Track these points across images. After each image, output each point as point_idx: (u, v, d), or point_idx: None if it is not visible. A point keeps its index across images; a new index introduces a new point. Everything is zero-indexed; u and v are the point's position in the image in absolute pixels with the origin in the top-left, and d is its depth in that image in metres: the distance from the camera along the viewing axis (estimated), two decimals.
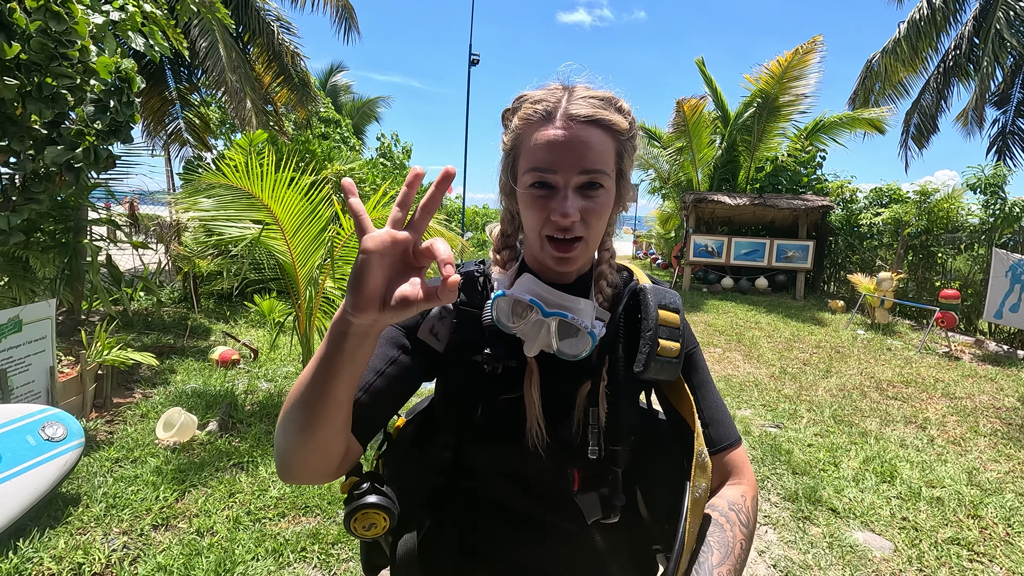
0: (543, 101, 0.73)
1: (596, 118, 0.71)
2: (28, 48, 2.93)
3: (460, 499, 0.83)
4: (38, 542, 2.26)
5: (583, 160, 0.71)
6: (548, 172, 0.71)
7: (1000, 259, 7.00)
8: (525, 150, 0.74)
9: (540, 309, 0.73)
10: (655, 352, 0.75)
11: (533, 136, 0.73)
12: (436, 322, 0.79)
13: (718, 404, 0.84)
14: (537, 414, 0.76)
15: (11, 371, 3.00)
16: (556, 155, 0.70)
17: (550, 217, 0.71)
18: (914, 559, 2.63)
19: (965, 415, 4.73)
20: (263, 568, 2.27)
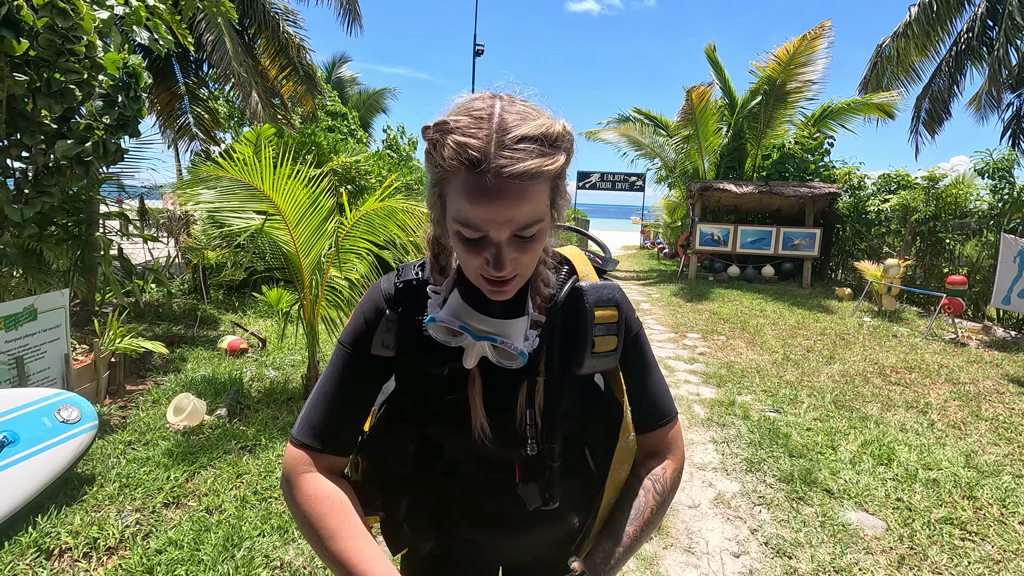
0: (470, 143, 0.65)
1: (530, 172, 0.65)
2: (36, 44, 3.02)
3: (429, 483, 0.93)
4: (55, 518, 2.37)
5: (516, 219, 0.67)
6: (478, 230, 0.68)
7: (1008, 244, 6.93)
8: (452, 193, 0.69)
9: (469, 335, 0.75)
10: (590, 351, 0.79)
11: (460, 184, 0.67)
12: (384, 335, 0.84)
13: (654, 386, 0.89)
14: (480, 414, 0.84)
15: (28, 358, 3.11)
16: (486, 215, 0.66)
17: (483, 263, 0.70)
18: (905, 537, 2.68)
19: (967, 400, 4.73)
20: (269, 544, 2.37)
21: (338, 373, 0.85)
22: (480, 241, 0.69)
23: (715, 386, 4.94)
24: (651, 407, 0.89)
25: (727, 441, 3.74)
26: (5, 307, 2.97)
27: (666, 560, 2.49)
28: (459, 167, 0.66)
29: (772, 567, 2.44)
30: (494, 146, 0.64)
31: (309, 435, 0.83)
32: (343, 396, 0.84)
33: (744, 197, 11.77)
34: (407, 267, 0.87)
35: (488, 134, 0.65)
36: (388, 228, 3.87)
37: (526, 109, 0.69)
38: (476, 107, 0.68)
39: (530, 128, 0.66)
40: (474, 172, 0.65)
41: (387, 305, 0.84)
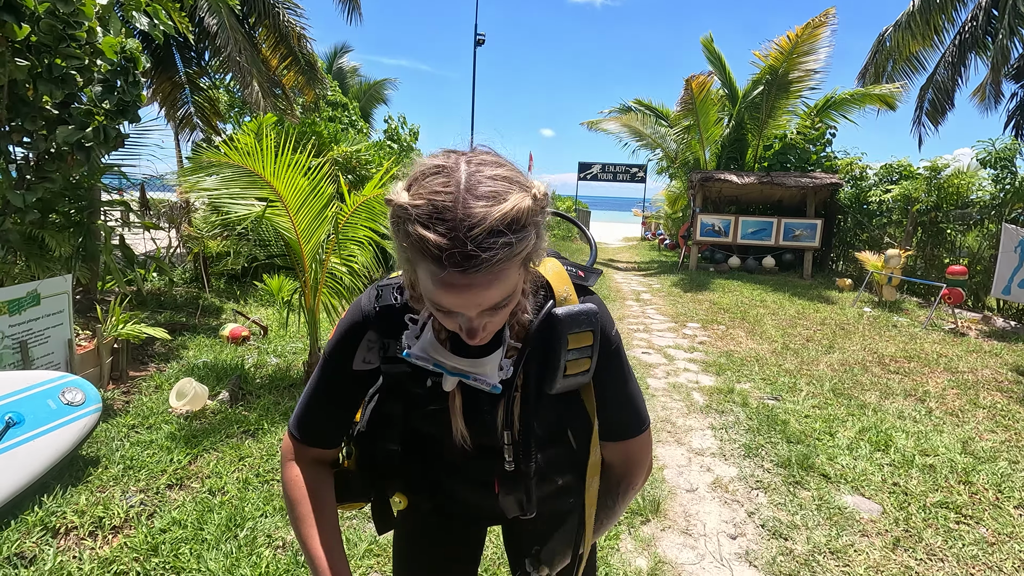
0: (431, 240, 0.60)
1: (499, 267, 0.62)
2: (37, 30, 3.02)
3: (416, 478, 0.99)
4: (61, 498, 2.41)
5: (486, 302, 0.66)
6: (448, 311, 0.68)
7: (1009, 234, 6.93)
8: (420, 271, 0.66)
9: (443, 371, 0.78)
10: (562, 374, 0.80)
11: (426, 271, 0.64)
12: (366, 352, 0.87)
13: (624, 400, 0.91)
14: (460, 425, 0.88)
15: (31, 342, 3.14)
16: (455, 303, 0.66)
17: (458, 328, 0.71)
18: (901, 520, 2.70)
19: (966, 388, 4.75)
20: (271, 524, 2.40)
21: (323, 381, 0.90)
22: (452, 313, 0.69)
23: (714, 374, 4.96)
24: (620, 418, 0.92)
25: (725, 427, 3.77)
26: (8, 291, 2.99)
27: (664, 542, 2.52)
28: (422, 257, 0.62)
29: (768, 548, 2.47)
30: (458, 244, 0.59)
31: (298, 429, 0.92)
32: (326, 401, 0.90)
33: (745, 187, 11.74)
34: (387, 289, 0.88)
35: (452, 227, 0.60)
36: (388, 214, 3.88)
37: (493, 186, 0.63)
38: (436, 188, 0.62)
39: (498, 217, 0.60)
40: (436, 265, 0.61)
41: (367, 325, 0.86)
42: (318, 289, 3.88)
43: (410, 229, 0.62)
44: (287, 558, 2.19)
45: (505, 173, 0.65)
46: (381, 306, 0.86)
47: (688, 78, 11.92)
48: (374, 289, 0.89)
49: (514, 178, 0.65)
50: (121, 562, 2.11)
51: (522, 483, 0.89)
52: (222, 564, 2.12)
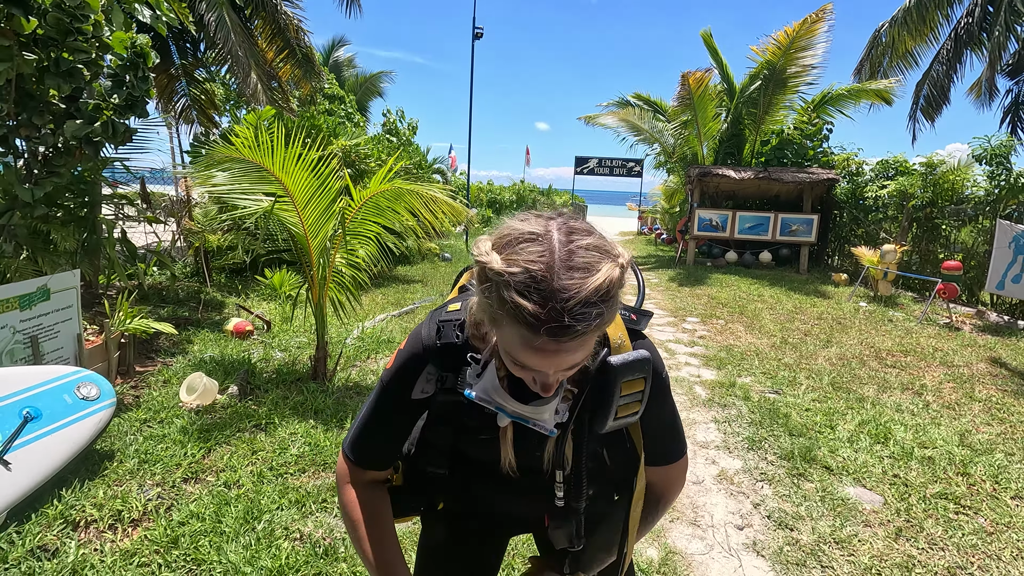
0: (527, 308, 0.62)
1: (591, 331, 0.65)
2: (44, 23, 3.01)
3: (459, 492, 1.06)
4: (79, 491, 2.43)
5: (566, 365, 0.70)
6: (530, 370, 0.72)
7: (1004, 230, 7.02)
8: (507, 330, 0.68)
9: (503, 413, 0.81)
10: (614, 418, 0.83)
11: (515, 333, 0.66)
12: (424, 384, 0.91)
13: (668, 432, 0.98)
14: (510, 456, 0.92)
15: (41, 337, 3.14)
16: (538, 365, 0.69)
17: (531, 379, 0.74)
18: (902, 511, 2.77)
19: (962, 382, 4.84)
20: (288, 516, 2.43)
21: (380, 408, 0.94)
22: (529, 368, 0.72)
23: (715, 368, 5.02)
24: (663, 448, 0.98)
25: (728, 421, 3.83)
26: (20, 286, 2.99)
27: (673, 532, 2.57)
28: (514, 321, 0.65)
29: (775, 538, 2.53)
30: (554, 315, 0.62)
31: (353, 453, 0.97)
32: (383, 427, 0.95)
33: (743, 183, 11.80)
34: (447, 326, 0.89)
35: (549, 298, 0.62)
36: (395, 210, 3.90)
37: (587, 256, 0.65)
38: (532, 257, 0.64)
39: (592, 290, 0.63)
40: (530, 331, 0.64)
41: (428, 359, 0.89)
42: (325, 284, 3.89)
43: (505, 295, 0.63)
44: (306, 550, 2.23)
45: (595, 242, 0.67)
46: (443, 343, 0.87)
47: (685, 73, 11.94)
48: (434, 323, 0.90)
49: (602, 247, 0.67)
50: (142, 554, 2.14)
51: (572, 518, 0.93)
52: (242, 556, 2.15)
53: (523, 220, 0.70)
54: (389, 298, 7.29)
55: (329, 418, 3.43)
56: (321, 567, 2.14)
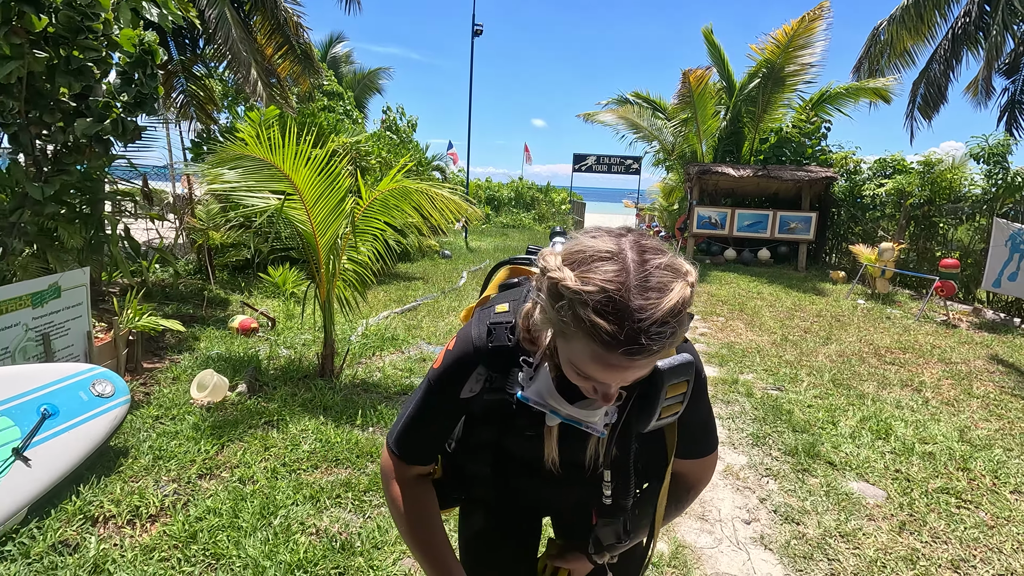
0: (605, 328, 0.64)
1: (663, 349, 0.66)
2: (55, 21, 3.01)
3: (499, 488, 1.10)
4: (96, 487, 2.45)
5: (634, 378, 0.72)
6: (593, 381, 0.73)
7: (1000, 228, 7.10)
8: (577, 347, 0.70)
9: (557, 416, 0.83)
10: (658, 418, 0.86)
11: (587, 348, 0.68)
12: (473, 384, 0.93)
13: (702, 429, 1.01)
14: (554, 454, 0.95)
15: (53, 334, 3.16)
16: (607, 378, 0.71)
17: (592, 389, 0.76)
18: (905, 505, 2.83)
19: (960, 379, 4.90)
20: (303, 512, 2.46)
21: (428, 406, 0.96)
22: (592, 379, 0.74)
23: (717, 365, 5.07)
24: (697, 443, 1.01)
25: (732, 417, 3.88)
26: (32, 284, 3.01)
27: (682, 527, 2.62)
28: (588, 338, 0.66)
29: (781, 532, 2.57)
30: (630, 335, 0.63)
31: (400, 449, 0.99)
32: (429, 424, 0.98)
33: (741, 180, 11.85)
34: (499, 328, 0.90)
35: (625, 318, 0.63)
36: (402, 209, 3.92)
37: (660, 276, 0.66)
38: (608, 277, 0.65)
39: (667, 309, 0.64)
40: (604, 349, 0.65)
41: (478, 360, 0.90)
42: (333, 282, 3.92)
43: (581, 313, 0.64)
44: (323, 544, 2.26)
45: (666, 261, 0.68)
46: (494, 346, 0.89)
47: (686, 71, 11.98)
48: (483, 325, 0.91)
49: (673, 265, 0.68)
50: (162, 549, 2.17)
51: (620, 515, 0.97)
52: (261, 550, 2.18)
53: (595, 237, 0.71)
54: (391, 295, 7.31)
55: (339, 415, 3.46)
56: (339, 561, 2.18)
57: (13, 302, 2.91)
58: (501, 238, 16.65)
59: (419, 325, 5.83)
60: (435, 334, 5.51)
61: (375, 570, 2.15)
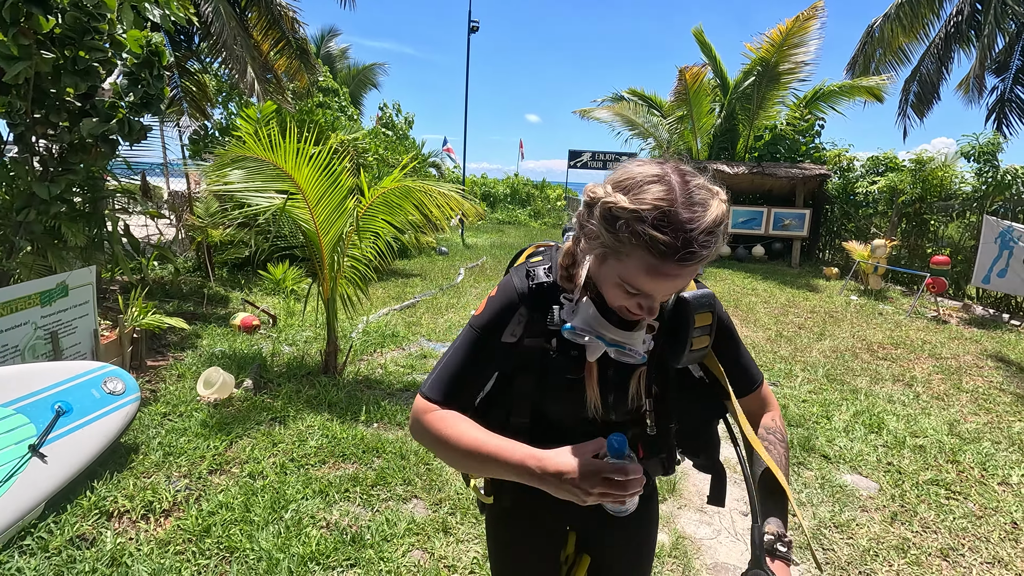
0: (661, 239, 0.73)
1: (710, 256, 0.76)
2: (62, 22, 3.03)
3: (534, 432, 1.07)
4: (110, 483, 2.50)
5: (680, 288, 0.81)
6: (647, 294, 0.80)
7: (990, 225, 7.22)
8: (627, 261, 0.78)
9: (601, 342, 0.89)
10: (689, 350, 0.93)
11: (641, 262, 0.76)
12: (515, 326, 0.97)
13: (744, 358, 1.07)
14: (595, 396, 0.98)
15: (60, 333, 3.19)
16: (660, 288, 0.79)
17: (636, 306, 0.83)
18: (897, 497, 2.92)
19: (949, 373, 5.01)
20: (313, 506, 2.52)
21: (468, 350, 0.98)
22: (638, 295, 0.82)
23: None
24: (743, 377, 1.06)
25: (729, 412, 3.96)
26: (40, 283, 3.04)
27: (681, 519, 2.70)
28: (645, 251, 0.75)
29: None
30: (685, 243, 0.73)
31: (438, 393, 0.97)
32: (469, 369, 0.98)
33: (736, 177, 11.94)
34: (535, 268, 0.98)
35: (678, 229, 0.73)
36: (404, 207, 3.97)
37: (702, 194, 0.76)
38: (659, 196, 0.74)
39: (711, 221, 0.74)
40: (659, 260, 0.75)
41: (520, 301, 0.96)
42: (336, 279, 3.96)
43: (639, 229, 0.74)
44: (334, 537, 2.32)
45: (704, 182, 0.78)
46: (535, 283, 0.96)
47: (682, 68, 12.04)
48: (522, 271, 0.98)
49: (709, 186, 0.78)
50: (176, 543, 2.23)
51: (664, 444, 1.03)
52: (273, 543, 2.24)
53: (640, 165, 0.80)
54: (390, 292, 7.35)
55: (343, 411, 3.51)
56: (350, 553, 2.24)
57: (22, 301, 2.94)
58: (497, 235, 16.69)
59: (419, 322, 5.88)
60: (435, 331, 5.57)
61: (385, 561, 2.21)
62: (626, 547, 1.20)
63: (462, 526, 2.48)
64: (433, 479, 2.82)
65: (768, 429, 1.05)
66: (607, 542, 1.20)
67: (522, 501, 1.13)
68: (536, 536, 1.18)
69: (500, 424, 1.04)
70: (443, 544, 2.34)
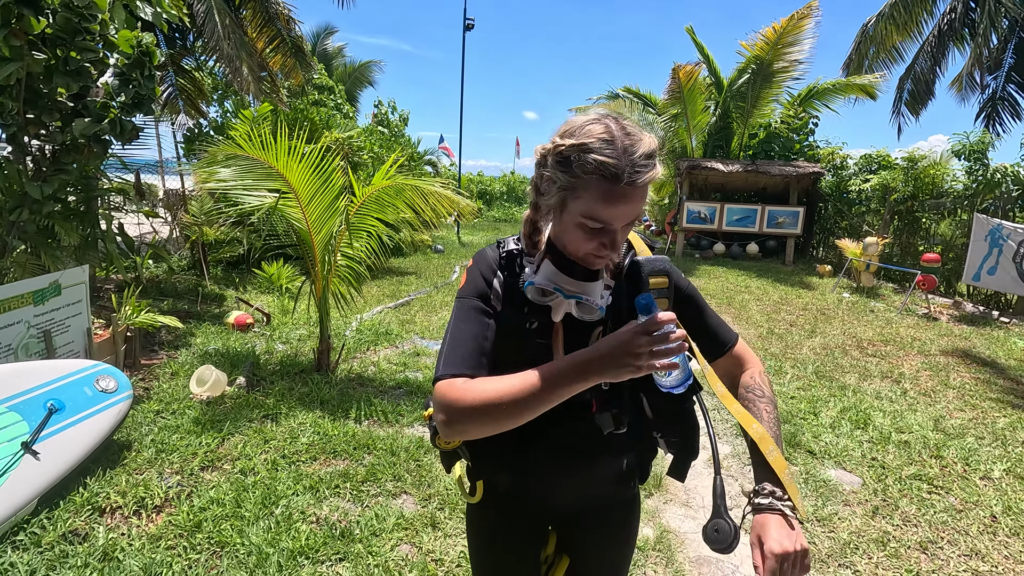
0: (607, 164, 0.84)
1: (648, 181, 0.87)
2: (53, 23, 3.05)
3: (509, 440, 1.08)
4: (103, 479, 2.54)
5: (632, 215, 0.90)
6: (606, 223, 0.89)
7: (980, 223, 7.28)
8: (587, 196, 0.88)
9: (561, 294, 0.96)
10: None
11: (596, 191, 0.87)
12: (497, 291, 1.04)
13: (713, 319, 1.12)
14: (561, 355, 1.02)
15: (54, 331, 3.22)
16: (616, 213, 0.88)
17: (600, 250, 0.92)
18: (879, 491, 2.97)
19: (937, 370, 5.07)
20: (303, 501, 2.56)
21: (466, 318, 1.01)
22: (599, 230, 0.90)
23: None
24: (714, 339, 1.10)
25: (717, 408, 4.00)
26: (33, 282, 3.06)
27: (667, 513, 2.74)
28: (599, 178, 0.86)
29: None
30: (628, 164, 0.85)
31: (457, 367, 0.95)
32: (475, 333, 0.99)
33: (731, 175, 11.99)
34: (505, 240, 1.09)
35: (619, 154, 0.85)
36: (396, 205, 4.00)
37: (633, 130, 0.89)
38: (600, 132, 0.87)
39: (647, 145, 0.87)
40: (611, 183, 0.86)
41: (496, 267, 1.04)
42: (328, 278, 3.99)
43: (588, 158, 0.85)
44: (323, 532, 2.36)
45: (635, 124, 0.92)
46: (506, 251, 1.05)
47: (676, 67, 12.06)
48: (495, 242, 1.09)
49: (640, 127, 0.92)
50: (168, 538, 2.26)
51: (616, 401, 1.06)
52: (264, 538, 2.28)
53: (580, 116, 0.93)
54: (384, 290, 7.38)
55: (335, 409, 3.55)
56: (339, 548, 2.28)
57: (15, 300, 2.96)
58: (493, 232, 16.72)
59: (412, 320, 5.91)
60: (428, 329, 5.60)
61: (374, 555, 2.25)
62: (605, 548, 1.23)
63: (450, 521, 2.52)
64: (423, 475, 2.86)
65: (748, 387, 1.07)
66: (586, 543, 1.22)
67: (503, 497, 1.16)
68: (516, 534, 1.20)
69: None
70: (431, 538, 2.38)
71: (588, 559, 1.23)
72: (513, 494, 1.16)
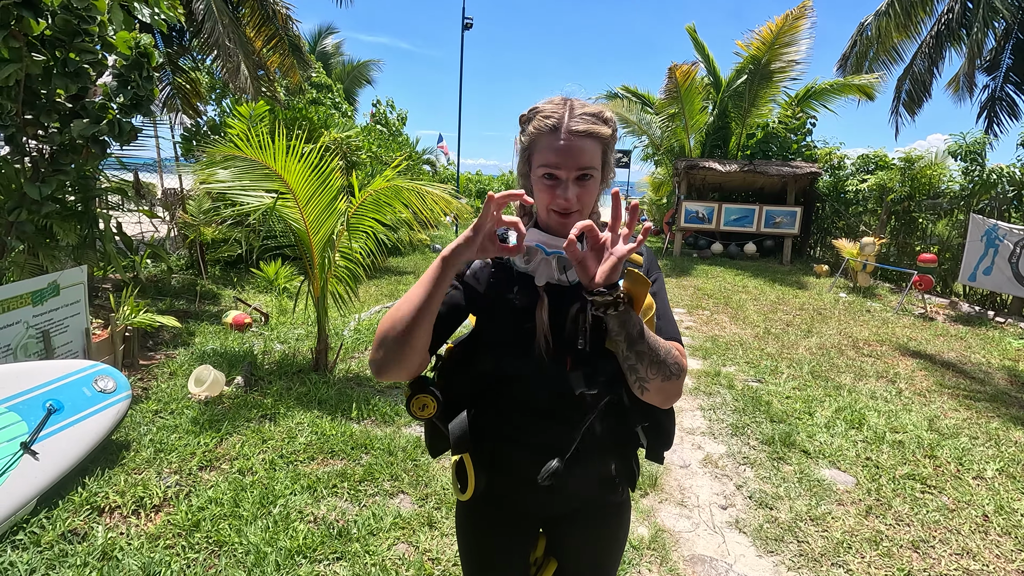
0: (551, 116, 1.01)
1: (588, 132, 0.99)
2: (52, 24, 3.06)
3: (496, 396, 1.14)
4: (101, 479, 2.55)
5: (579, 161, 1.00)
6: (555, 169, 1.01)
7: (977, 224, 7.31)
8: (538, 151, 1.02)
9: (543, 250, 1.06)
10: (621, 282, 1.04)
11: (544, 142, 1.01)
12: (478, 271, 1.13)
13: (665, 315, 1.14)
14: (544, 327, 1.07)
15: (52, 332, 3.23)
16: (560, 159, 1.00)
17: (556, 200, 1.02)
18: (873, 491, 2.99)
19: (933, 370, 5.10)
20: (301, 501, 2.58)
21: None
22: (555, 182, 1.02)
23: (701, 358, 5.23)
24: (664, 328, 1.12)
25: (713, 408, 4.03)
26: (32, 283, 3.08)
27: (662, 512, 2.76)
28: (544, 131, 1.01)
29: (755, 517, 2.73)
30: (567, 117, 1.00)
31: None
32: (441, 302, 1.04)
33: (728, 175, 12.02)
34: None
35: (562, 111, 1.01)
36: (394, 206, 4.01)
37: (586, 102, 1.05)
38: (556, 100, 1.04)
39: (589, 108, 1.02)
40: (553, 133, 1.00)
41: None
42: (327, 278, 4.01)
43: (538, 116, 1.02)
44: (321, 531, 2.37)
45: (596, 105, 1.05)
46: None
47: (672, 67, 12.07)
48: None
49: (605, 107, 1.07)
50: (167, 537, 2.28)
51: (590, 362, 1.08)
52: (261, 537, 2.30)
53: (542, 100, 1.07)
54: (382, 290, 7.39)
55: (333, 408, 3.56)
56: (337, 547, 2.30)
57: (14, 300, 2.97)
58: None
59: None
60: None
61: (371, 555, 2.27)
62: (591, 551, 1.24)
63: (447, 520, 2.54)
64: (420, 475, 2.88)
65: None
66: (573, 545, 1.24)
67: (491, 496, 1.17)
68: (506, 535, 1.22)
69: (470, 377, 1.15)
70: (428, 537, 2.40)
71: (574, 561, 1.25)
72: (498, 493, 1.18)
